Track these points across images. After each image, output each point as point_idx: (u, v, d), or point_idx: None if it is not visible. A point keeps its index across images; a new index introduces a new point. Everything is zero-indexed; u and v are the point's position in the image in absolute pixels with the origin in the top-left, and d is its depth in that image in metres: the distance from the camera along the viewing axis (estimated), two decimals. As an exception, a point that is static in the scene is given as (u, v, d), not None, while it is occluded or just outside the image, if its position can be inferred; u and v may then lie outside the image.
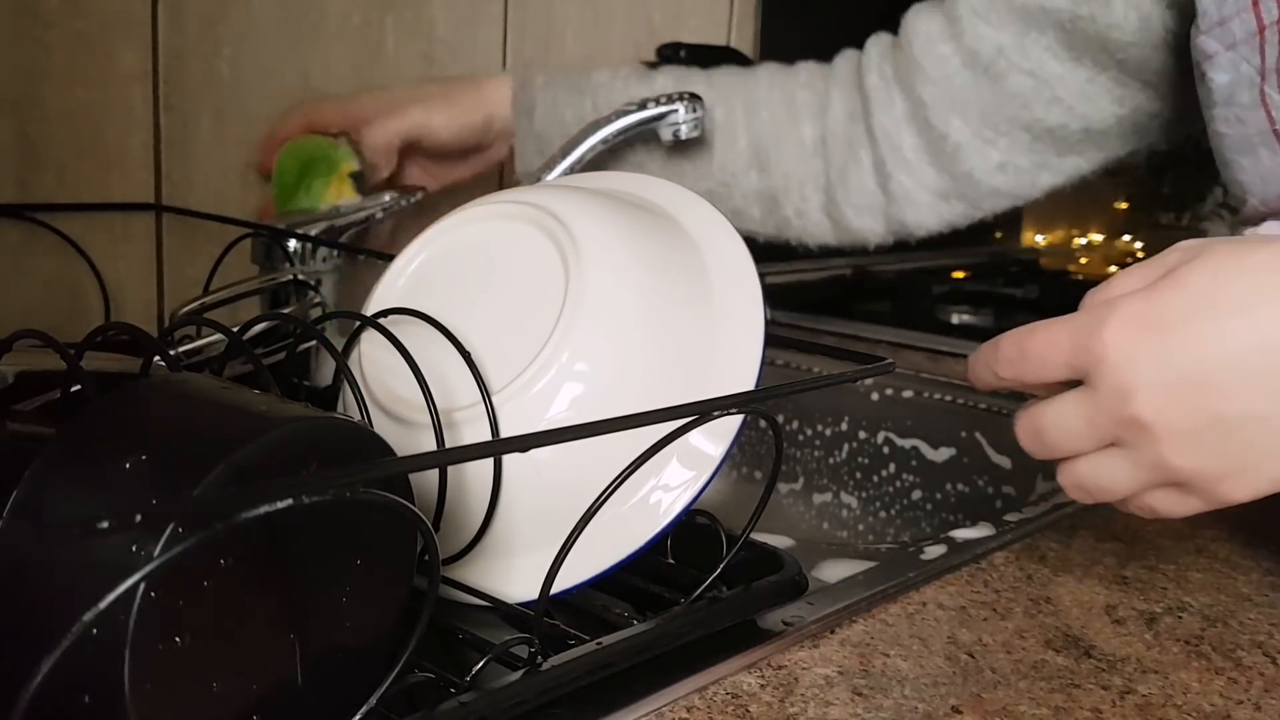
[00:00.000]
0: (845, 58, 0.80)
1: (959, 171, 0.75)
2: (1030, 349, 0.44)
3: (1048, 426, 0.44)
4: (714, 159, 0.79)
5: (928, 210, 0.77)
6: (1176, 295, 0.42)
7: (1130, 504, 0.45)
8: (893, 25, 0.80)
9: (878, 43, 0.78)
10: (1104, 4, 0.67)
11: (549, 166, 0.73)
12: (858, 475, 0.87)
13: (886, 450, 0.86)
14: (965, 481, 0.81)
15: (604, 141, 0.73)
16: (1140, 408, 0.41)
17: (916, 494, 0.84)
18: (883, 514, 0.86)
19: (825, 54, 0.83)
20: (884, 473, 0.86)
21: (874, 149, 0.77)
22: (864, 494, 0.87)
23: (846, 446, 0.88)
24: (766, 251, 0.69)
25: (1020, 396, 0.76)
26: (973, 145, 0.74)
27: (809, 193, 0.79)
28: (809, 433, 0.89)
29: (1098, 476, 0.44)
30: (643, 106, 0.73)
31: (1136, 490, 0.44)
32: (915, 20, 0.76)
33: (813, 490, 0.89)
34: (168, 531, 0.26)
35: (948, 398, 0.82)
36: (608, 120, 0.73)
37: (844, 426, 0.88)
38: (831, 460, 0.89)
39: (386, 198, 0.74)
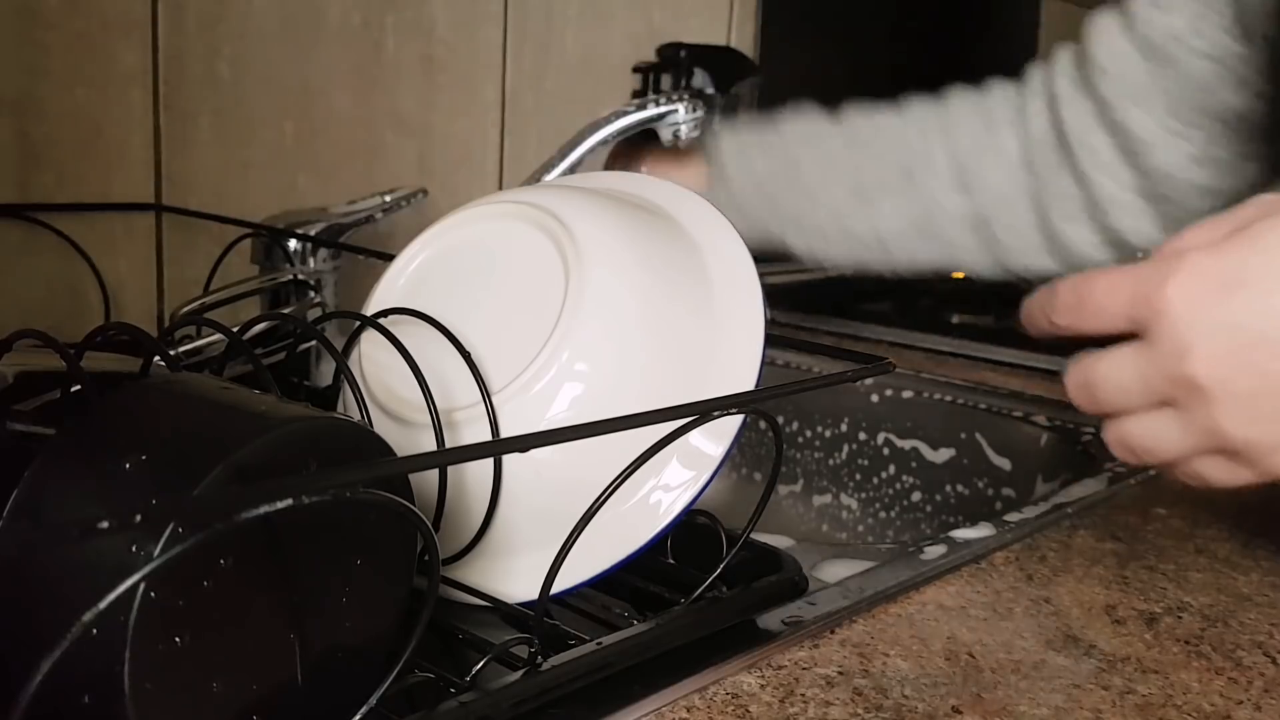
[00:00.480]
0: (1036, 68, 0.77)
1: (1151, 168, 0.71)
2: (1090, 297, 0.42)
3: (1099, 380, 0.42)
4: (914, 185, 0.76)
5: (1137, 213, 0.73)
6: (1248, 252, 0.39)
7: (1177, 469, 0.43)
8: (894, 24, 0.79)
9: (1065, 49, 0.76)
10: None
11: (548, 167, 0.73)
12: (857, 476, 0.87)
13: (886, 451, 0.86)
14: (965, 483, 0.81)
15: (603, 142, 0.73)
16: (1197, 367, 0.39)
17: (916, 495, 0.84)
18: (882, 515, 0.86)
19: (825, 54, 0.82)
20: (884, 474, 0.86)
21: (1069, 154, 0.74)
22: (864, 495, 0.87)
23: (846, 448, 0.88)
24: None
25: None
26: (1159, 139, 0.70)
27: (1018, 208, 0.75)
28: (809, 434, 0.89)
29: (1146, 436, 0.42)
30: (643, 106, 0.73)
31: (1185, 455, 0.42)
32: (1093, 20, 0.74)
33: (813, 492, 0.89)
34: (168, 531, 0.26)
35: (948, 398, 0.82)
36: (606, 120, 0.73)
37: (844, 428, 0.88)
38: (831, 462, 0.88)
39: (387, 198, 0.74)
